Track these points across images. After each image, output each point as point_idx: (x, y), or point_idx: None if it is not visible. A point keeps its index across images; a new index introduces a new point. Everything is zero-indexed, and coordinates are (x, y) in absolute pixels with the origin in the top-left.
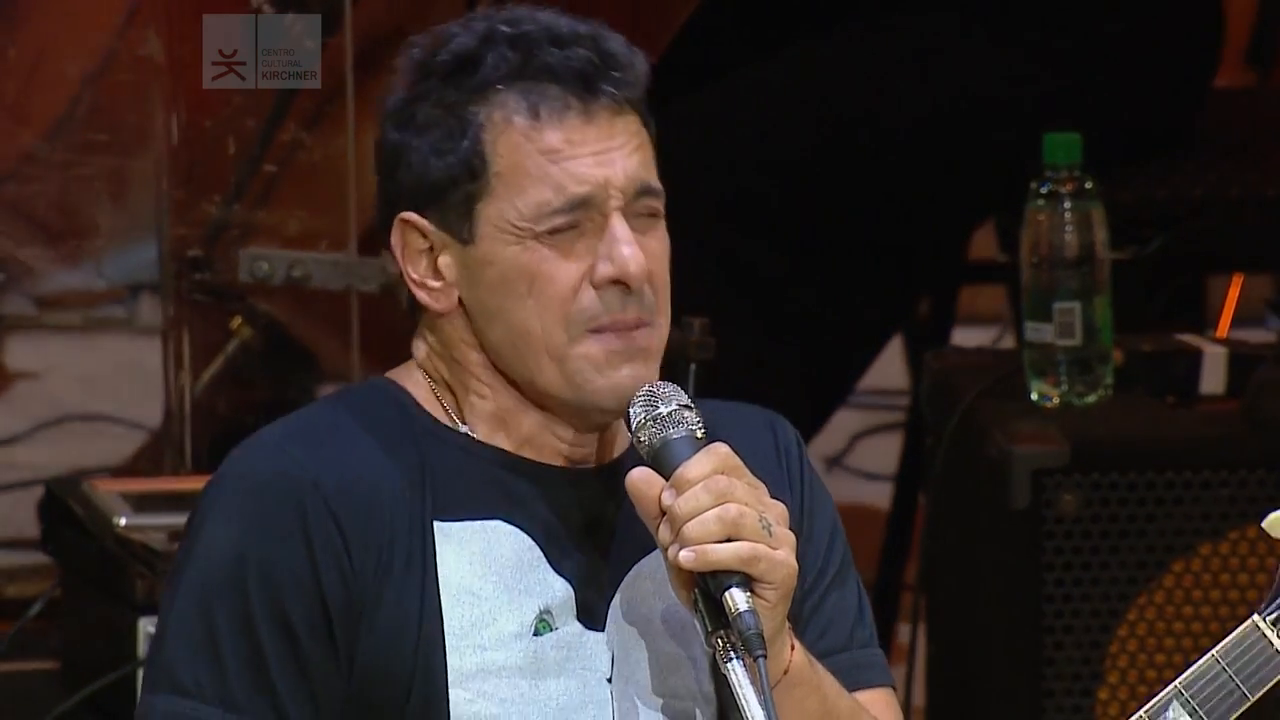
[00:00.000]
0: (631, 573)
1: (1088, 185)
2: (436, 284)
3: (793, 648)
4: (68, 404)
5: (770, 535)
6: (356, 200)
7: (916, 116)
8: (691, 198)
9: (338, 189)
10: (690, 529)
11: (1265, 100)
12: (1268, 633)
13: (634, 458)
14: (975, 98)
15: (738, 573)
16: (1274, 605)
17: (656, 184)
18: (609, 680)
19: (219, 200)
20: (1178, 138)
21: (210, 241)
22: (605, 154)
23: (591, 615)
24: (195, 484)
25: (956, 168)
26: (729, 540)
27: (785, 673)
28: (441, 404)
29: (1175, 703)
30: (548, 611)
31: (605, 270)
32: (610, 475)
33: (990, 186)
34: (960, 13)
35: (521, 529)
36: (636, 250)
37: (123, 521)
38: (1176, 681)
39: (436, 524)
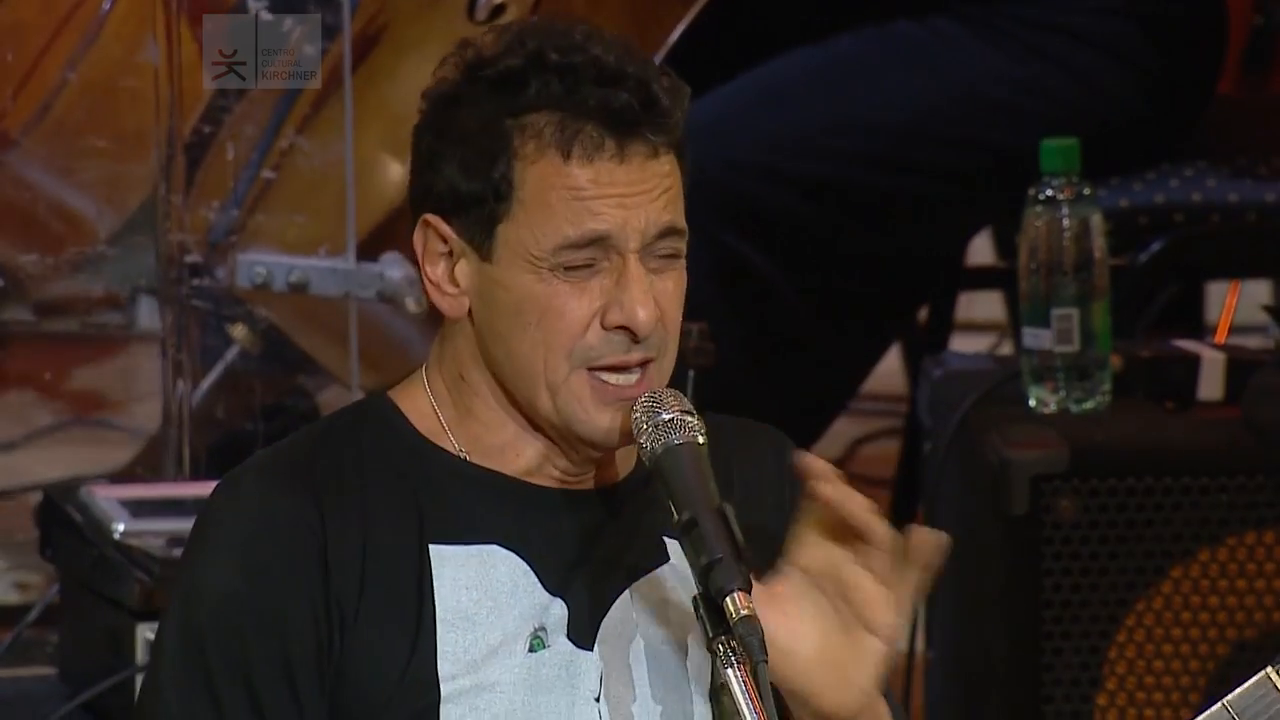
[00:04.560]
0: (625, 594)
1: (1086, 191)
2: (452, 290)
3: None
4: (66, 410)
5: None
6: (355, 207)
7: (918, 121)
8: (691, 202)
9: (336, 195)
10: None
11: (1264, 106)
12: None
13: (636, 481)
14: (976, 103)
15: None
16: None
17: (680, 225)
18: (597, 699)
19: (217, 206)
20: (1180, 145)
21: (209, 247)
22: (631, 197)
23: (581, 634)
24: (194, 490)
25: (958, 174)
26: None
27: None
28: (440, 421)
29: None
30: (542, 629)
31: (615, 317)
32: (610, 497)
33: (990, 193)
34: (961, 18)
35: (517, 553)
36: (649, 300)
37: (121, 527)
38: None
39: (432, 548)
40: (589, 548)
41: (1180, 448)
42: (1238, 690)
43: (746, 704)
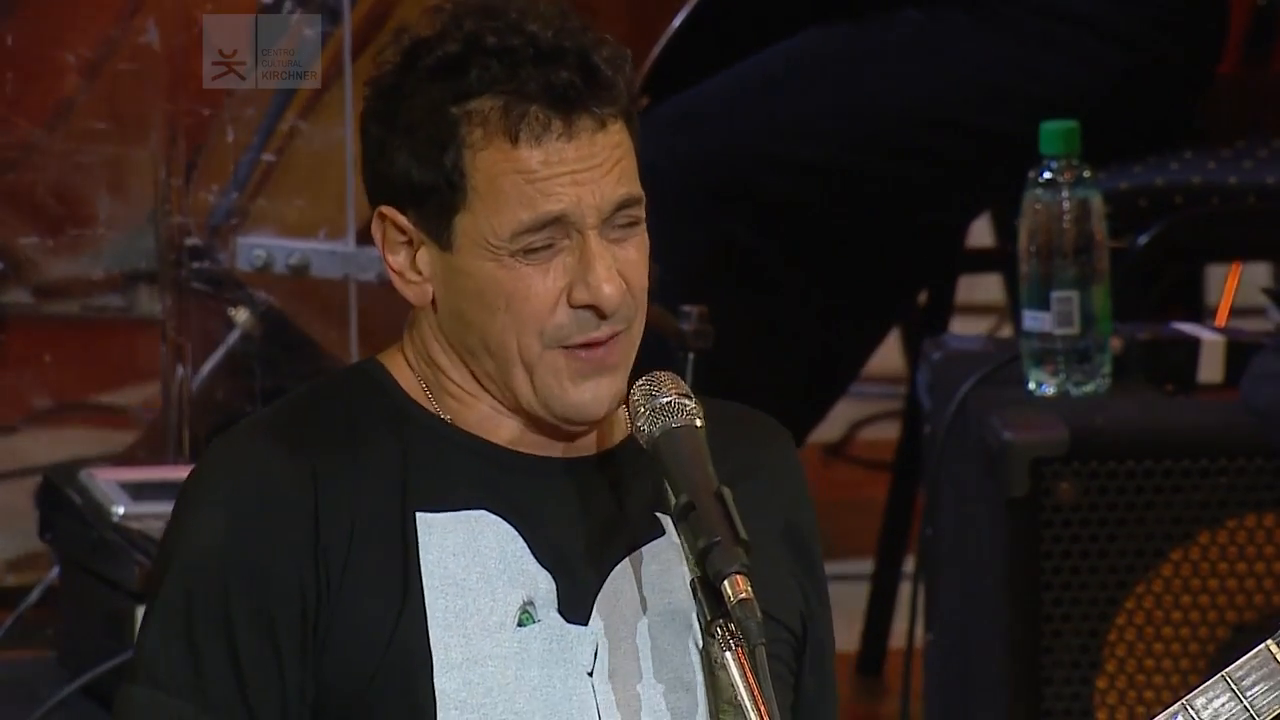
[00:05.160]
0: (620, 565)
1: (1086, 174)
2: (415, 277)
3: None
4: (66, 393)
5: None
6: (355, 189)
7: (920, 107)
8: (692, 187)
9: (336, 178)
10: None
11: (1264, 87)
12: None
13: (629, 448)
14: (979, 88)
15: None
16: None
17: (636, 192)
18: (590, 674)
19: (218, 189)
20: (1181, 127)
21: (209, 230)
22: (583, 173)
23: (573, 608)
24: None
25: (959, 158)
26: None
27: None
28: (424, 390)
29: (1181, 718)
30: (530, 603)
31: (581, 296)
32: (602, 465)
33: (990, 176)
34: (965, 5)
35: (505, 519)
36: (613, 276)
37: (121, 510)
38: (1184, 699)
39: (419, 515)
40: (580, 518)
41: (1180, 430)
42: (1237, 662)
43: (744, 687)
